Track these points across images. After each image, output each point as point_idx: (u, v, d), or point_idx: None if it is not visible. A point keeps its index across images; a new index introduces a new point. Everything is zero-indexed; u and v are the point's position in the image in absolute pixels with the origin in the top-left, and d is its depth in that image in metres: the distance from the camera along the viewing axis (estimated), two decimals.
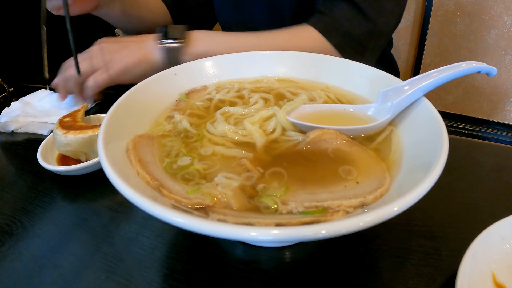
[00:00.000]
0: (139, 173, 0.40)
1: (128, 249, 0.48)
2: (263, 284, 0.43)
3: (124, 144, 0.45)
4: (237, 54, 0.67)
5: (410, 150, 0.44)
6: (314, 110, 0.55)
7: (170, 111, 0.56)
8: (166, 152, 0.47)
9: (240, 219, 0.34)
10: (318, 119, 0.52)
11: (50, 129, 0.79)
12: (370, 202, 0.37)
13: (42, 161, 0.60)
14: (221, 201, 0.37)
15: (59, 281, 0.45)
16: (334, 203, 0.36)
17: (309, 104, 0.55)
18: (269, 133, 0.50)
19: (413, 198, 0.31)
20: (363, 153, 0.45)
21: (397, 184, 0.39)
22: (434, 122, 0.42)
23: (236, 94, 0.61)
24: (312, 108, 0.55)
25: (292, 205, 0.37)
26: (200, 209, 0.37)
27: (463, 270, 0.38)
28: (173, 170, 0.43)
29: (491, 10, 1.66)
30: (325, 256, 0.46)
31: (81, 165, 0.58)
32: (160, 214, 0.30)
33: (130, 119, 0.49)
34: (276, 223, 0.33)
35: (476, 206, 0.53)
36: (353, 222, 0.28)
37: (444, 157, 0.36)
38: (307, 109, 0.54)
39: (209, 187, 0.39)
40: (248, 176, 0.41)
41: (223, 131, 0.50)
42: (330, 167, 0.43)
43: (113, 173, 0.34)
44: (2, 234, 0.52)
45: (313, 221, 0.34)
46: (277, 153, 0.46)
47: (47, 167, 0.59)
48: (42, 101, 0.89)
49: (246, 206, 0.37)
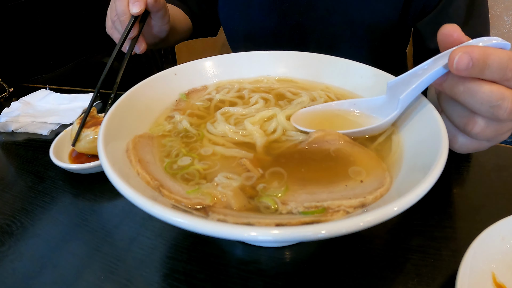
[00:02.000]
0: (139, 173, 0.40)
1: (128, 249, 0.48)
2: (263, 284, 0.43)
3: (124, 144, 0.45)
4: (236, 54, 0.67)
5: (411, 151, 0.44)
6: (318, 111, 0.54)
7: (170, 111, 0.56)
8: (166, 152, 0.47)
9: (240, 219, 0.34)
10: (322, 122, 0.52)
11: (50, 129, 0.79)
12: (370, 202, 0.37)
13: (55, 159, 0.61)
14: (221, 201, 0.37)
15: (59, 281, 0.45)
16: (334, 203, 0.36)
17: (313, 106, 0.55)
18: (269, 134, 0.50)
19: (413, 198, 0.31)
20: (364, 153, 0.45)
21: (397, 184, 0.39)
22: (434, 122, 0.42)
23: (236, 94, 0.61)
24: (316, 108, 0.54)
25: (292, 205, 0.37)
26: (200, 209, 0.37)
27: (463, 270, 0.38)
28: (173, 170, 0.43)
29: (491, 10, 1.66)
30: (325, 256, 0.46)
31: (96, 163, 0.60)
32: (160, 214, 0.30)
33: (130, 119, 0.49)
34: (276, 223, 0.33)
35: (476, 206, 0.53)
36: (353, 222, 0.28)
37: (444, 157, 0.36)
38: (311, 109, 0.54)
39: (209, 187, 0.39)
40: (248, 176, 0.41)
41: (223, 131, 0.50)
42: (331, 167, 0.43)
43: (113, 173, 0.34)
44: (2, 234, 0.52)
45: (313, 221, 0.34)
46: (277, 153, 0.46)
47: (61, 165, 0.60)
48: (42, 101, 0.90)
49: (246, 206, 0.37)
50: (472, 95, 0.37)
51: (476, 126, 0.39)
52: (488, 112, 0.37)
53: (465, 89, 0.38)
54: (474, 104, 0.38)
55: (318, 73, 0.65)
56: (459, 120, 0.41)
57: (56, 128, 0.80)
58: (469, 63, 0.35)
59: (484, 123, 0.39)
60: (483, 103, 0.37)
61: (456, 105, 0.41)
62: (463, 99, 0.38)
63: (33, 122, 0.81)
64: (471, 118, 0.40)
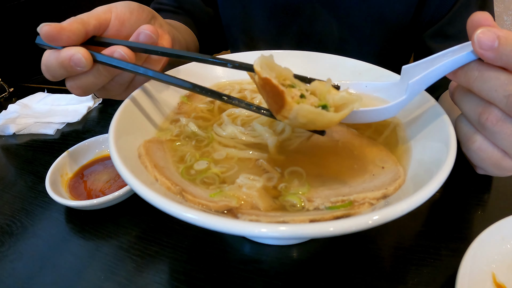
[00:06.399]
0: (157, 179, 0.39)
1: (128, 249, 0.48)
2: (263, 284, 0.43)
3: (134, 150, 0.43)
4: (235, 55, 0.67)
5: (417, 144, 0.44)
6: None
7: (174, 115, 0.55)
8: (178, 157, 0.46)
9: (273, 219, 0.34)
10: None
11: (55, 128, 0.79)
12: (391, 193, 0.37)
13: (53, 193, 0.54)
14: (247, 202, 0.37)
15: (59, 281, 0.45)
16: (359, 196, 0.37)
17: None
18: (278, 133, 0.49)
19: (435, 186, 0.32)
20: (373, 146, 0.45)
21: (410, 176, 0.40)
22: (440, 117, 0.42)
23: (238, 95, 0.61)
24: None
25: (318, 201, 0.37)
26: (227, 212, 0.37)
27: (463, 270, 0.38)
28: (190, 175, 0.42)
29: None
30: (325, 256, 0.46)
31: (96, 201, 0.53)
32: (206, 223, 0.29)
33: (136, 124, 0.48)
34: (310, 219, 0.33)
35: (477, 206, 0.53)
36: (405, 207, 0.30)
37: (454, 149, 0.36)
38: None
39: (232, 189, 0.39)
40: (269, 177, 0.41)
41: (233, 133, 0.49)
42: (345, 161, 0.43)
43: (147, 190, 0.32)
44: (2, 234, 0.52)
45: (344, 215, 0.34)
46: (289, 152, 0.46)
47: (59, 201, 0.53)
48: (40, 103, 0.89)
49: (272, 206, 0.37)
50: (486, 80, 0.35)
51: (491, 116, 0.37)
52: (502, 102, 0.35)
53: (480, 75, 0.36)
54: (488, 91, 0.35)
55: (316, 71, 0.65)
56: (474, 110, 0.39)
57: (62, 128, 0.80)
58: (494, 41, 0.32)
59: (501, 115, 0.36)
60: (497, 90, 0.35)
61: (471, 97, 0.39)
62: (477, 85, 0.36)
63: (36, 123, 0.81)
64: (487, 107, 0.37)
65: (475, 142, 0.40)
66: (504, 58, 0.33)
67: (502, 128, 0.37)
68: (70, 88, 0.51)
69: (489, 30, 0.33)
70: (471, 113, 0.39)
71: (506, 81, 0.34)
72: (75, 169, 0.61)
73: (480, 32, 0.33)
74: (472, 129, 0.40)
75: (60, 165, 0.60)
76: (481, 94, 0.37)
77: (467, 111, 0.40)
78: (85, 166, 0.62)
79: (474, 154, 0.41)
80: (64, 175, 0.59)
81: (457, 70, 0.38)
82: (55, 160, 0.59)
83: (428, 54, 0.41)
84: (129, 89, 0.54)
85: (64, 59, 0.45)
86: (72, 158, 0.62)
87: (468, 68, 0.37)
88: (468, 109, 0.40)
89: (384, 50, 0.87)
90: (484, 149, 0.40)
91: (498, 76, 0.34)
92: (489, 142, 0.39)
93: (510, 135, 0.37)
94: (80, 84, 0.49)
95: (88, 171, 0.61)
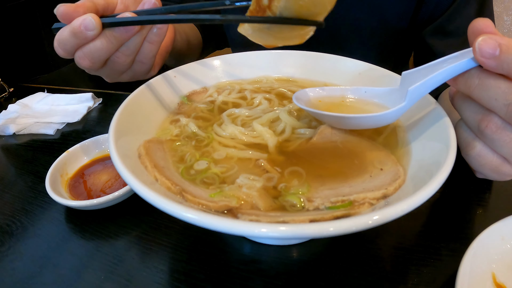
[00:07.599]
0: (157, 179, 0.39)
1: (128, 249, 0.48)
2: (263, 284, 0.43)
3: (134, 150, 0.44)
4: (234, 55, 0.67)
5: (417, 145, 0.44)
6: (326, 95, 0.53)
7: (174, 115, 0.55)
8: (178, 157, 0.46)
9: (273, 218, 0.34)
10: (328, 107, 0.51)
11: (55, 128, 0.79)
12: (391, 193, 0.37)
13: (53, 193, 0.53)
14: (247, 202, 0.37)
15: (59, 281, 0.45)
16: (359, 196, 0.37)
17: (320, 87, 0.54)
18: (278, 134, 0.50)
19: (435, 186, 0.32)
20: (373, 146, 0.46)
21: (410, 176, 0.40)
22: (440, 118, 0.42)
23: (238, 95, 0.61)
24: (324, 90, 0.54)
25: (318, 201, 0.37)
26: (227, 212, 0.37)
27: (463, 270, 0.38)
28: (190, 175, 0.43)
29: None
30: (325, 256, 0.46)
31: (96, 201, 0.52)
32: (206, 223, 0.29)
33: (136, 124, 0.48)
34: (310, 219, 0.33)
35: (477, 206, 0.53)
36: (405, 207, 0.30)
37: (454, 149, 0.36)
38: (318, 90, 0.53)
39: (232, 189, 0.39)
40: (269, 177, 0.41)
41: (233, 133, 0.49)
42: (344, 162, 0.43)
43: (147, 190, 0.32)
44: (2, 234, 0.52)
45: (344, 215, 0.34)
46: (289, 152, 0.46)
47: (59, 201, 0.53)
48: (40, 103, 0.89)
49: (272, 206, 0.37)
50: (487, 88, 0.35)
51: (491, 124, 0.37)
52: (502, 111, 0.35)
53: (480, 82, 0.35)
54: (488, 99, 0.35)
55: (316, 71, 0.65)
56: (473, 117, 0.39)
57: (62, 128, 0.80)
58: (495, 49, 0.32)
59: (500, 123, 0.36)
60: (497, 98, 0.35)
61: (470, 103, 0.39)
62: (477, 93, 0.36)
63: (36, 123, 0.81)
64: (486, 114, 0.37)
65: (475, 148, 0.40)
66: (506, 67, 0.33)
67: (501, 136, 0.37)
68: (78, 59, 0.54)
69: (490, 38, 0.33)
70: (471, 119, 0.39)
71: (506, 90, 0.34)
72: (75, 169, 0.61)
73: (482, 39, 0.33)
74: (472, 135, 0.40)
75: (60, 165, 0.59)
76: (481, 101, 0.37)
77: (467, 117, 0.40)
78: (85, 166, 0.62)
79: (473, 160, 0.41)
80: (64, 175, 0.59)
81: (457, 76, 0.38)
82: (55, 160, 0.59)
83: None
84: (135, 64, 0.59)
85: (75, 26, 0.49)
86: (72, 158, 0.62)
87: (469, 75, 0.37)
88: (467, 116, 0.40)
89: (384, 49, 0.87)
90: (484, 155, 0.40)
91: (499, 85, 0.34)
92: (488, 148, 0.39)
93: (509, 143, 0.37)
94: (89, 51, 0.53)
95: (88, 171, 0.61)
